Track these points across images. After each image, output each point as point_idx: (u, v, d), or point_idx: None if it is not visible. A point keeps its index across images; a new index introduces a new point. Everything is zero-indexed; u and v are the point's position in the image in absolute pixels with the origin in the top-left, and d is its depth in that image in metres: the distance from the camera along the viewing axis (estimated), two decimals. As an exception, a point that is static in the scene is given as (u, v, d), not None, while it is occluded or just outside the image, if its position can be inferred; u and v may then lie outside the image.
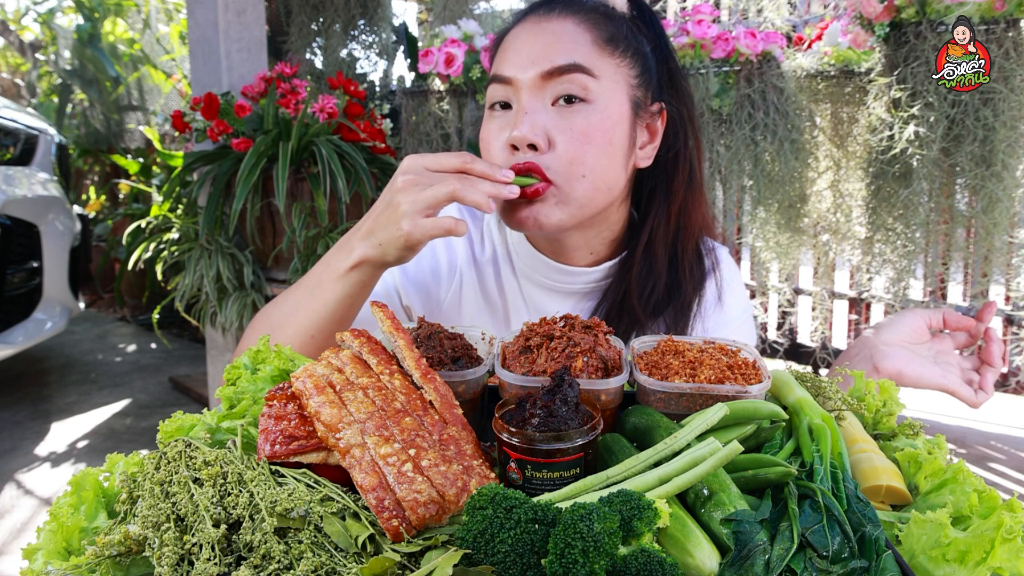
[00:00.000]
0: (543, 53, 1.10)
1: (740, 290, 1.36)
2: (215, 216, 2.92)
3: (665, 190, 1.23)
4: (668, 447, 0.73)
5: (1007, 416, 3.71)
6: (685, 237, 1.25)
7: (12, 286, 3.47)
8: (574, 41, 1.10)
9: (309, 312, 1.11)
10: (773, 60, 2.72)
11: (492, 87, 1.15)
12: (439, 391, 0.80)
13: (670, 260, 1.24)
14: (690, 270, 1.25)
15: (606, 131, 1.10)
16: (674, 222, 1.24)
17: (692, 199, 1.25)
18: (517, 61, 1.11)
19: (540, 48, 1.10)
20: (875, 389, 0.95)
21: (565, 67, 1.08)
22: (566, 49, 1.09)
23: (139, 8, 6.86)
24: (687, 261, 1.25)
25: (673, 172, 1.23)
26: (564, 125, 1.08)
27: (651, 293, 1.22)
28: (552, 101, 1.10)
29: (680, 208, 1.24)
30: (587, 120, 1.09)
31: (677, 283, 1.24)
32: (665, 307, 1.24)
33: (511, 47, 1.14)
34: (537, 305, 1.30)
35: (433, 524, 0.68)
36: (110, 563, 0.67)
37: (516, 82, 1.11)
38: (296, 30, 3.81)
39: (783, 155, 2.73)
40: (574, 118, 1.09)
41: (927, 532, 0.67)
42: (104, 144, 6.51)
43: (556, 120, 1.09)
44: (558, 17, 1.14)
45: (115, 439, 3.53)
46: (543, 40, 1.11)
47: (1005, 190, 2.22)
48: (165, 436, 0.85)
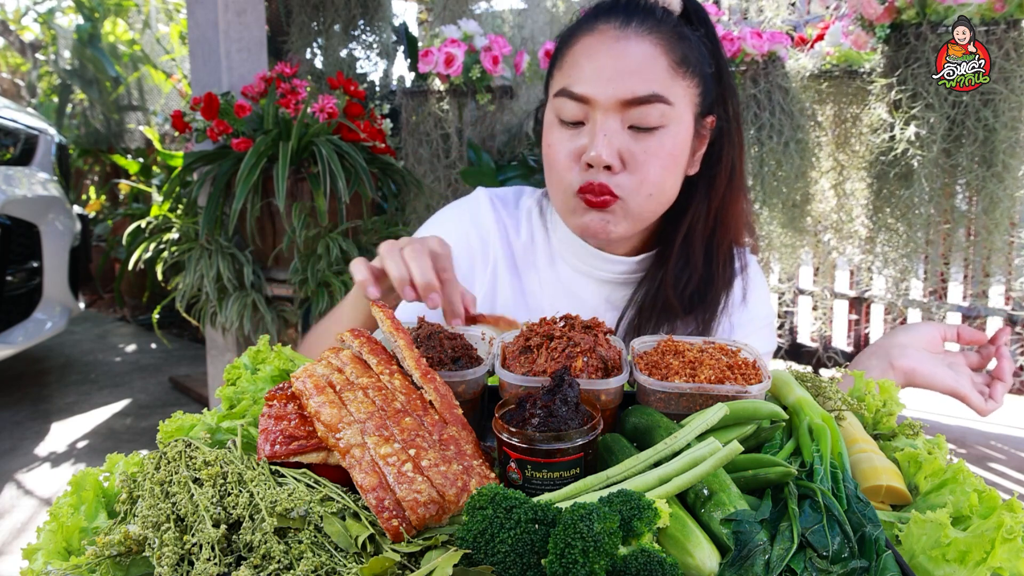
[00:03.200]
0: (623, 79, 1.11)
1: (766, 296, 1.39)
2: (215, 216, 2.92)
3: (707, 187, 1.25)
4: (668, 447, 0.73)
5: (1007, 416, 3.71)
6: (722, 233, 1.28)
7: (12, 286, 3.47)
8: (653, 68, 1.12)
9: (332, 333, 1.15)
10: (778, 60, 2.73)
11: (564, 101, 1.15)
12: (439, 391, 0.80)
13: (706, 255, 1.27)
14: (723, 267, 1.28)
15: (675, 154, 1.16)
16: (712, 218, 1.26)
17: (731, 197, 1.27)
18: (595, 81, 1.12)
19: (620, 72, 1.12)
20: (875, 389, 0.95)
21: (646, 98, 1.11)
22: (646, 78, 1.11)
23: (139, 8, 6.86)
24: (721, 258, 1.28)
25: (716, 170, 1.25)
26: (638, 148, 1.13)
27: (686, 286, 1.25)
28: (627, 125, 1.13)
29: (720, 205, 1.26)
30: (660, 144, 1.13)
31: (711, 278, 1.27)
32: (698, 301, 1.26)
33: (587, 63, 1.14)
34: (573, 289, 1.32)
35: (433, 524, 0.68)
36: (110, 563, 0.67)
37: (594, 102, 1.12)
38: (296, 30, 3.81)
39: (788, 155, 2.74)
40: (648, 143, 1.13)
41: (927, 532, 0.67)
42: (104, 144, 6.51)
43: (630, 143, 1.13)
44: (636, 35, 1.13)
45: (115, 439, 3.53)
46: (623, 64, 1.12)
47: (1006, 190, 2.22)
48: (165, 436, 0.85)
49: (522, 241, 1.35)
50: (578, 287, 1.31)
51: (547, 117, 1.22)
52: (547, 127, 1.21)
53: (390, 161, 3.15)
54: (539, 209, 1.37)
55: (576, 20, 1.22)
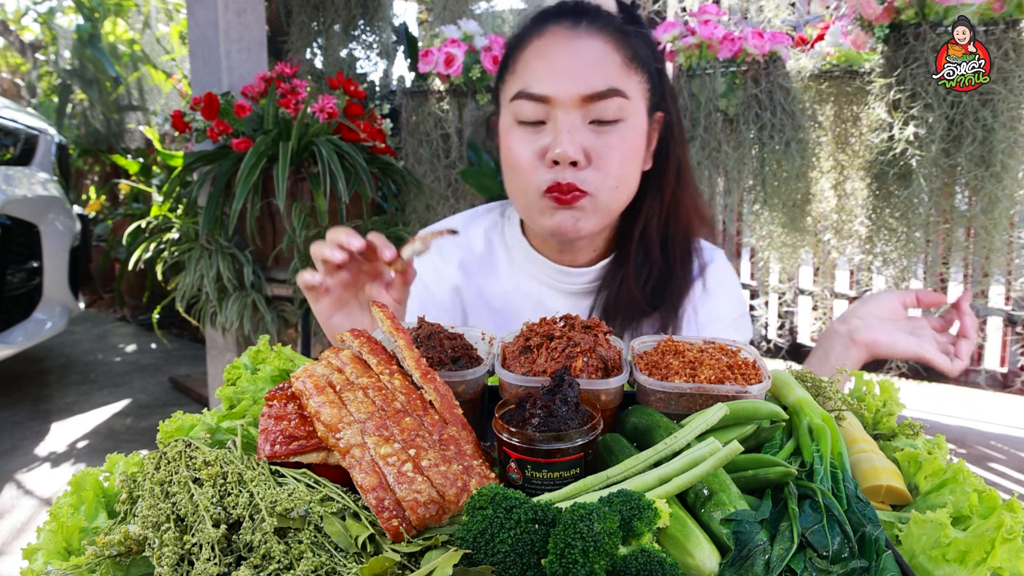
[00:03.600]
0: (581, 75, 1.13)
1: (735, 291, 1.40)
2: (215, 216, 2.92)
3: (658, 182, 1.29)
4: (668, 447, 0.73)
5: (1007, 416, 3.71)
6: (675, 227, 1.31)
7: (12, 286, 3.47)
8: (609, 63, 1.15)
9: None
10: (779, 60, 2.72)
11: (523, 103, 1.16)
12: (439, 391, 0.80)
13: (663, 249, 1.30)
14: (680, 260, 1.31)
15: (636, 145, 1.19)
16: (665, 212, 1.30)
17: (681, 190, 1.30)
18: (553, 80, 1.14)
19: (577, 68, 1.14)
20: (875, 389, 0.95)
21: (605, 92, 1.13)
22: (603, 73, 1.14)
23: (139, 8, 6.86)
24: (678, 251, 1.31)
25: (665, 165, 1.29)
26: (601, 142, 1.16)
27: (647, 281, 1.28)
28: (588, 120, 1.15)
29: (671, 199, 1.30)
30: (622, 137, 1.17)
31: (670, 272, 1.30)
32: (660, 296, 1.28)
33: (542, 63, 1.16)
34: (537, 299, 1.34)
35: (433, 524, 0.68)
36: (110, 563, 0.67)
37: (554, 101, 1.14)
38: (296, 30, 3.81)
39: (789, 155, 2.73)
40: (610, 137, 1.16)
41: (927, 532, 0.67)
42: (104, 144, 6.51)
43: (593, 138, 1.15)
44: (587, 34, 1.16)
45: (115, 439, 3.53)
46: (578, 60, 1.14)
47: (1005, 190, 2.22)
48: (165, 436, 0.85)
49: (478, 253, 1.37)
50: (543, 297, 1.33)
51: (503, 123, 1.23)
52: (505, 132, 1.21)
53: (390, 161, 3.15)
54: (497, 225, 1.39)
55: (522, 27, 1.24)
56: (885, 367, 3.31)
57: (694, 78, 2.79)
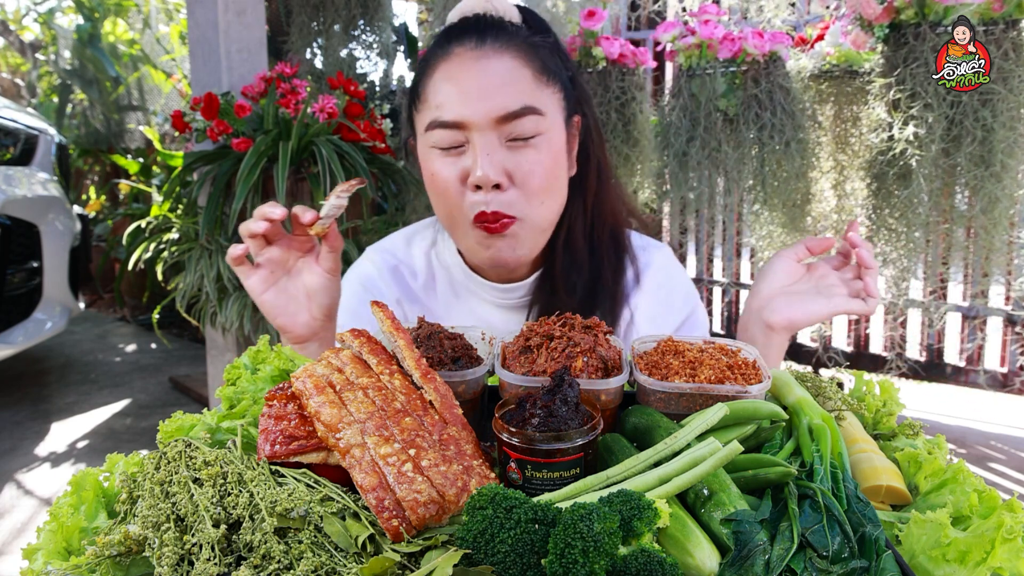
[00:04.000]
0: (492, 96, 1.11)
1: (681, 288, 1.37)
2: (215, 216, 2.92)
3: (580, 184, 1.28)
4: (668, 447, 0.73)
5: (1007, 416, 3.71)
6: (600, 226, 1.30)
7: (12, 286, 3.47)
8: (519, 81, 1.13)
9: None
10: (779, 60, 2.72)
11: (438, 132, 1.14)
12: (439, 391, 0.80)
13: (590, 249, 1.29)
14: (608, 256, 1.30)
15: (556, 158, 1.17)
16: (590, 212, 1.29)
17: (602, 187, 1.30)
18: (465, 104, 1.11)
19: (488, 89, 1.11)
20: (875, 389, 0.95)
21: (519, 111, 1.11)
22: (513, 92, 1.12)
23: (139, 8, 6.86)
24: (604, 248, 1.30)
25: (587, 167, 1.28)
26: (520, 160, 1.13)
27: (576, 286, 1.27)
28: (505, 139, 1.13)
29: (594, 198, 1.29)
30: (540, 153, 1.14)
31: (598, 270, 1.29)
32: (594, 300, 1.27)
33: (451, 88, 1.13)
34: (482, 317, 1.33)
35: (433, 524, 0.68)
36: (110, 563, 0.67)
37: (469, 124, 1.11)
38: (296, 30, 3.81)
39: (789, 155, 2.73)
40: (528, 154, 1.13)
41: (927, 532, 0.67)
42: (104, 144, 6.51)
43: (512, 157, 1.13)
44: (494, 52, 1.14)
45: (115, 439, 3.53)
46: (487, 80, 1.12)
47: (1004, 190, 2.22)
48: (165, 436, 0.85)
49: (421, 282, 1.35)
50: (487, 315, 1.33)
51: (421, 149, 1.20)
52: (425, 159, 1.19)
53: (390, 161, 3.15)
54: (436, 244, 1.38)
55: (426, 52, 1.22)
56: (885, 367, 3.31)
57: (694, 78, 2.80)
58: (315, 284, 1.11)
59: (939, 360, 3.53)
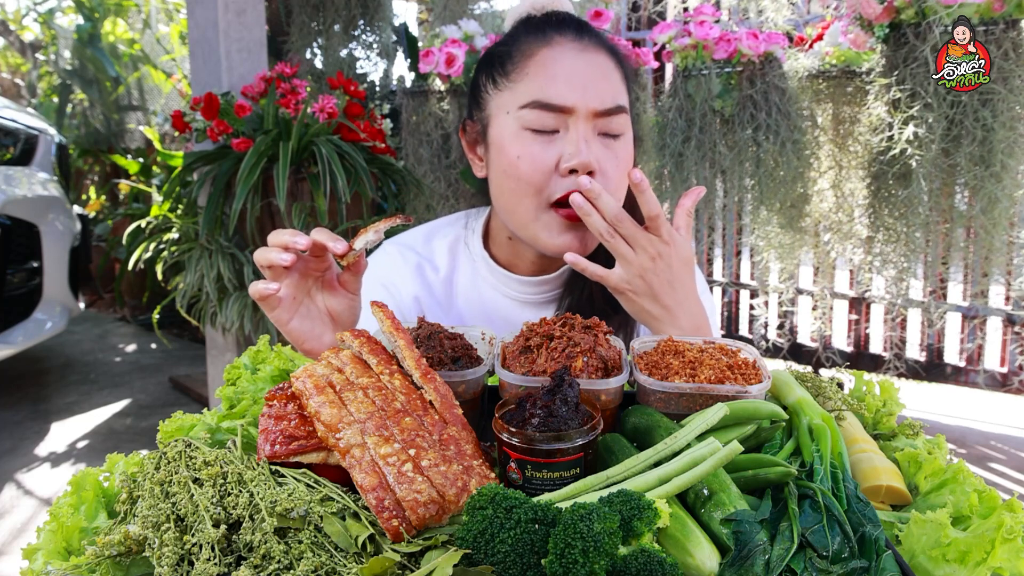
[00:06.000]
0: (595, 89, 1.15)
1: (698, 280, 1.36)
2: (215, 216, 2.92)
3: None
4: (668, 447, 0.73)
5: (1007, 416, 3.71)
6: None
7: (12, 286, 3.47)
8: (615, 80, 1.18)
9: None
10: (775, 61, 2.73)
11: (538, 112, 1.15)
12: (439, 391, 0.80)
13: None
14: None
15: (630, 158, 1.22)
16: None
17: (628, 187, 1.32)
18: (571, 89, 1.14)
19: (593, 80, 1.15)
20: (875, 389, 0.95)
21: (614, 109, 1.17)
22: (611, 90, 1.17)
23: (139, 8, 6.86)
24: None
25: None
26: (609, 155, 1.18)
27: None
28: (597, 132, 1.17)
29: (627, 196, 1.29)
30: (625, 151, 1.20)
31: None
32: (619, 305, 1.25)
33: (558, 72, 1.15)
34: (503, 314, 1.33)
35: (433, 524, 0.68)
36: (110, 563, 0.67)
37: (573, 111, 1.14)
38: (296, 30, 3.81)
39: (785, 155, 2.74)
40: (616, 149, 1.19)
41: (927, 532, 0.67)
42: (104, 144, 6.51)
43: (603, 150, 1.17)
44: (593, 49, 1.18)
45: (115, 439, 3.53)
46: (591, 73, 1.16)
47: (1004, 190, 2.22)
48: (165, 436, 0.85)
49: (442, 276, 1.36)
50: (507, 312, 1.33)
51: (507, 129, 1.19)
52: (511, 139, 1.18)
53: (390, 161, 3.15)
54: (461, 240, 1.38)
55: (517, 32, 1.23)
56: (885, 367, 3.31)
57: (690, 78, 2.80)
58: (339, 307, 1.08)
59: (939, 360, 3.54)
